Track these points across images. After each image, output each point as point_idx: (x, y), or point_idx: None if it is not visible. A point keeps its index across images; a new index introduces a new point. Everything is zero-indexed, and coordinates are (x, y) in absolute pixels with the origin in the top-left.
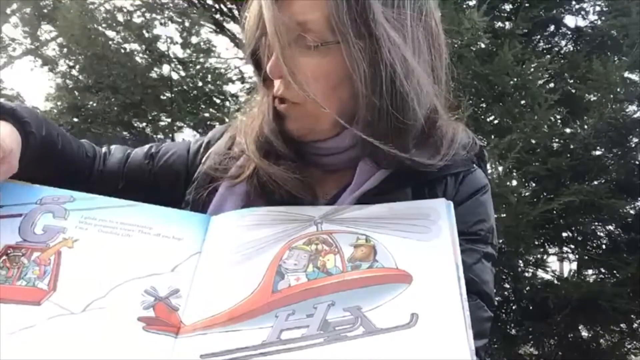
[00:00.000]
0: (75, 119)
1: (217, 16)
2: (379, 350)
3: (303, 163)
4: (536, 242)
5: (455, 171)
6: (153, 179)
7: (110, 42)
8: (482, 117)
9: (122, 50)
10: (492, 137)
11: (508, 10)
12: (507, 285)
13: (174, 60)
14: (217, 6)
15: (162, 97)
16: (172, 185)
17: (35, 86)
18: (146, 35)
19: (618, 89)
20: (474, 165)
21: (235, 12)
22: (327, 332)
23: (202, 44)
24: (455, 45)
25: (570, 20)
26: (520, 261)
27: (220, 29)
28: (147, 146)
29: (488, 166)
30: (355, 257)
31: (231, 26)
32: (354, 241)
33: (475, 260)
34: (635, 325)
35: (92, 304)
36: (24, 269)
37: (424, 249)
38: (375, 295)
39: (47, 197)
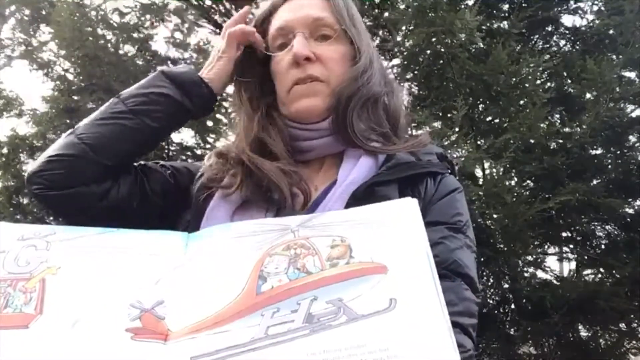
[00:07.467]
0: (72, 121)
1: (217, 17)
2: (363, 334)
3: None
4: (535, 242)
5: (432, 170)
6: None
7: (105, 43)
8: (481, 116)
9: (117, 51)
10: (491, 136)
11: (505, 9)
12: (505, 285)
13: (169, 61)
14: (215, 7)
15: None
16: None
17: (34, 87)
18: (141, 36)
19: (614, 88)
20: (449, 171)
21: (235, 13)
22: (312, 324)
23: (201, 44)
24: (454, 45)
25: (568, 20)
26: (520, 261)
27: (220, 29)
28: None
29: (486, 165)
30: (333, 256)
31: None
32: (330, 242)
33: (458, 246)
34: (634, 324)
35: (80, 321)
36: (10, 297)
37: (396, 243)
38: (355, 287)
39: (28, 232)
